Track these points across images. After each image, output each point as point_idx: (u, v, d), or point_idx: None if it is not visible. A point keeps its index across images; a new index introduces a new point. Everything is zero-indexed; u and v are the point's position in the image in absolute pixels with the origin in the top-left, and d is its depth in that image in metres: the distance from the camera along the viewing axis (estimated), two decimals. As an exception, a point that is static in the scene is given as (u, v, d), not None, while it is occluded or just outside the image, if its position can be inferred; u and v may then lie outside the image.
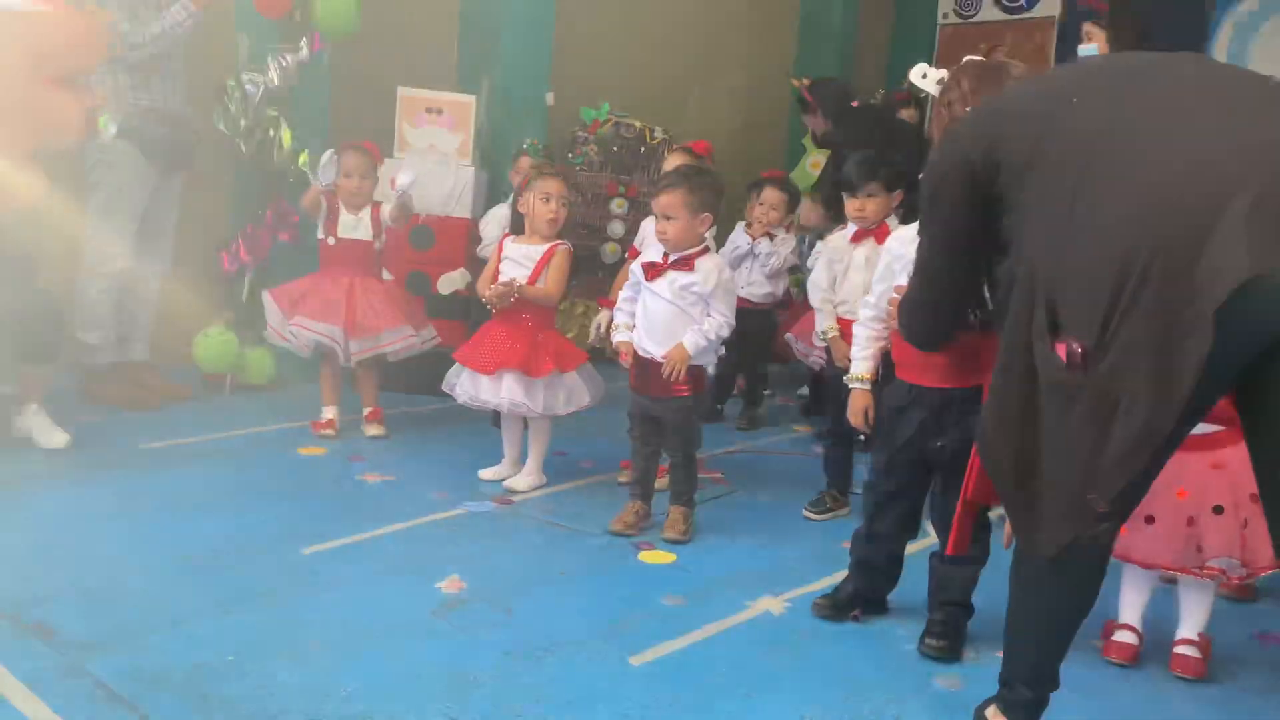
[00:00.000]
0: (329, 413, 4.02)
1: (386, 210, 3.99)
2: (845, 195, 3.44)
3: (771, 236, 4.56)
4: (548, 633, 2.45)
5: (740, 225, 4.66)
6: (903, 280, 2.47)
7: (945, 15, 7.60)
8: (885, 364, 2.67)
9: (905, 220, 3.07)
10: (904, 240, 2.51)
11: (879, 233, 3.36)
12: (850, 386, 2.70)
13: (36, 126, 0.58)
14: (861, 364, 2.66)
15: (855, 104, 5.24)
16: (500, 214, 4.46)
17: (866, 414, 2.66)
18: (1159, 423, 1.68)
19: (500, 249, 3.56)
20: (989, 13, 7.37)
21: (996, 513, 3.58)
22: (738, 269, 4.51)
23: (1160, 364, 1.65)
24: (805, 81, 5.42)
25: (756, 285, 4.55)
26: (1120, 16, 4.43)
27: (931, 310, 2.24)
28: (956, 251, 2.09)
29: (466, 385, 3.49)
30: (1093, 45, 4.42)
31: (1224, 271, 1.57)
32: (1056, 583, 1.95)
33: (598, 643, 2.42)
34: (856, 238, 3.46)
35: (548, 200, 3.46)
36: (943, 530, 2.55)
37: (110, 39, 3.85)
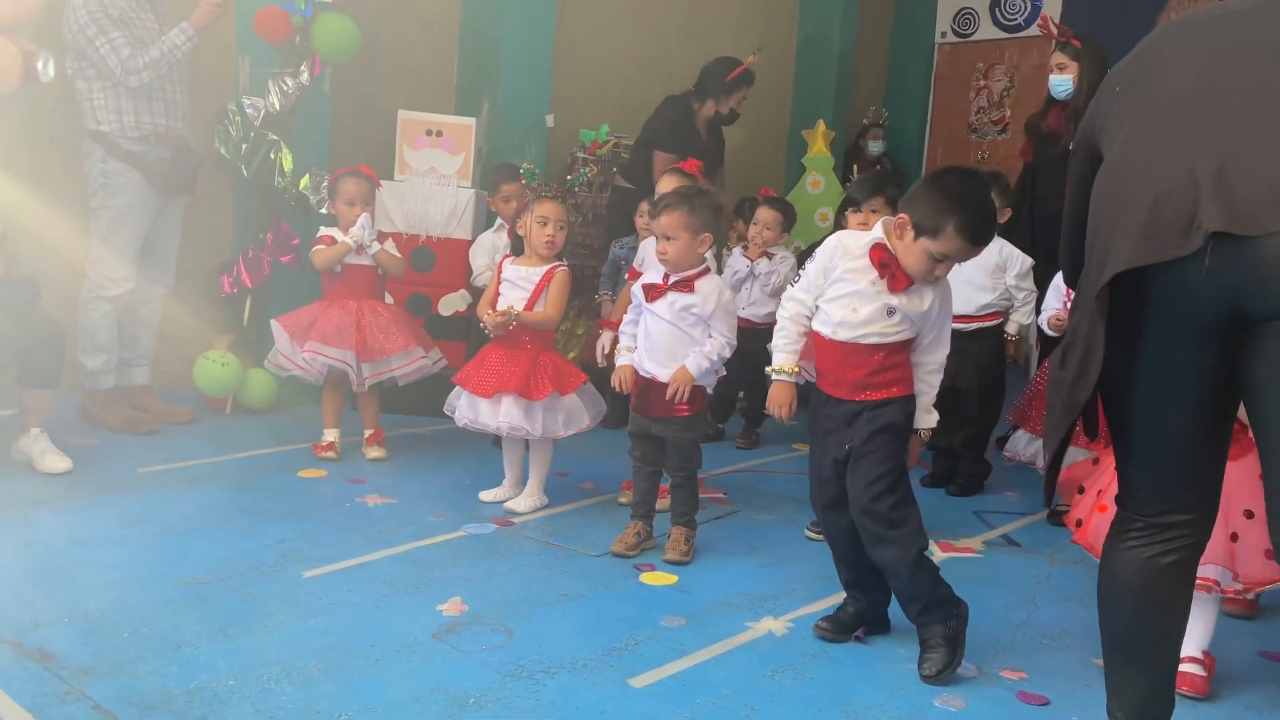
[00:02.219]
0: (330, 435, 4.02)
1: (380, 254, 4.03)
2: (849, 211, 3.45)
3: (770, 256, 4.57)
4: (549, 654, 2.44)
5: (738, 249, 4.68)
6: (845, 306, 2.46)
7: (943, 34, 7.65)
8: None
9: None
10: (853, 256, 2.47)
11: None
12: (772, 378, 2.62)
13: None
14: (784, 356, 2.58)
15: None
16: (488, 241, 4.46)
17: (790, 407, 2.60)
18: (1079, 395, 1.85)
19: (500, 271, 3.57)
20: (987, 31, 7.42)
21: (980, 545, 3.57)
22: (739, 290, 4.52)
23: (1087, 346, 1.82)
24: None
25: (758, 305, 4.56)
26: (1090, 47, 4.45)
27: (1069, 241, 2.17)
28: (1081, 193, 2.07)
29: (465, 409, 3.50)
30: (1066, 76, 4.45)
31: (1108, 262, 1.78)
32: (1128, 599, 1.94)
33: (599, 664, 2.42)
34: None
35: (545, 224, 3.47)
36: (863, 533, 2.50)
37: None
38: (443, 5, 5.48)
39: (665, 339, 3.12)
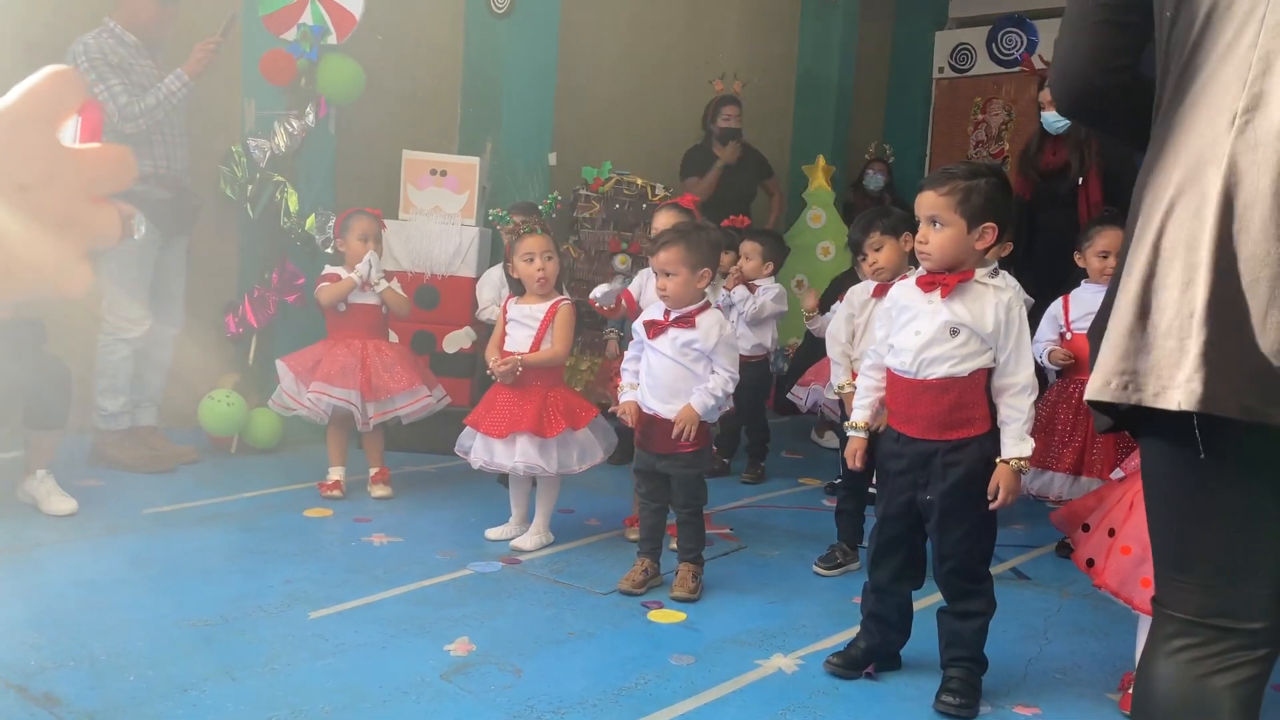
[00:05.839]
0: (335, 474, 4.02)
1: (385, 294, 4.05)
2: (859, 258, 3.47)
3: (751, 287, 4.55)
4: (557, 695, 2.43)
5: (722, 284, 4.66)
6: (909, 331, 2.47)
7: (940, 69, 7.71)
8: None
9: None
10: (906, 287, 2.53)
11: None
12: (848, 434, 2.68)
13: (89, 232, 0.61)
14: (859, 411, 2.64)
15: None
16: (494, 276, 4.48)
17: (858, 457, 2.64)
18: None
19: (505, 312, 3.58)
20: (984, 66, 7.48)
21: (1001, 566, 3.56)
22: None
23: None
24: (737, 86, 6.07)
25: (743, 338, 4.50)
26: None
27: (1071, 50, 1.61)
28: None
29: (480, 450, 3.49)
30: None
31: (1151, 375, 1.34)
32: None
33: (607, 704, 2.40)
34: (878, 291, 3.41)
35: (531, 260, 3.48)
36: (945, 588, 2.53)
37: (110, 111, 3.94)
38: (446, 46, 5.54)
39: (668, 375, 3.12)
